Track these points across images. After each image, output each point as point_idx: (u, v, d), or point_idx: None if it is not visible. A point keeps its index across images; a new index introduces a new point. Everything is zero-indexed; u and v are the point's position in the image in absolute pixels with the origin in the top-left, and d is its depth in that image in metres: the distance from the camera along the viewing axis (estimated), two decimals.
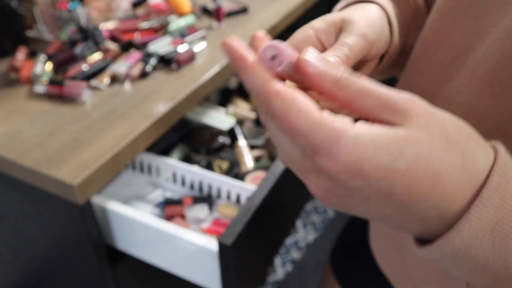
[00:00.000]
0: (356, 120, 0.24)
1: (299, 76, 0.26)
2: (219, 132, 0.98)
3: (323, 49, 0.34)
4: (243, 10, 1.12)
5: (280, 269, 1.51)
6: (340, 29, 0.35)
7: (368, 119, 0.24)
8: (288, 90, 0.23)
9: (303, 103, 0.23)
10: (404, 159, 0.22)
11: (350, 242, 0.75)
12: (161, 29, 1.02)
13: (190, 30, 0.99)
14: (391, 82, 0.55)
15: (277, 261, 1.53)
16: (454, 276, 0.40)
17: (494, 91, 0.33)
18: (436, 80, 0.38)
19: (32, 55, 0.89)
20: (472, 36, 0.35)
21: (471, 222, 0.23)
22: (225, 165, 0.88)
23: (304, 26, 0.35)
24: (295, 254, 1.55)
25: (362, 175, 0.22)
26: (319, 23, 0.34)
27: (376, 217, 0.26)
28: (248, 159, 0.92)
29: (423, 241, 0.27)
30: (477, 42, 0.35)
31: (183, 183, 0.88)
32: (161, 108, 0.76)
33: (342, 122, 0.22)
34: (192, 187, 0.87)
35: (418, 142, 0.23)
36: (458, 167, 0.23)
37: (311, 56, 0.24)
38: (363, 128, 0.23)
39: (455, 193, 0.23)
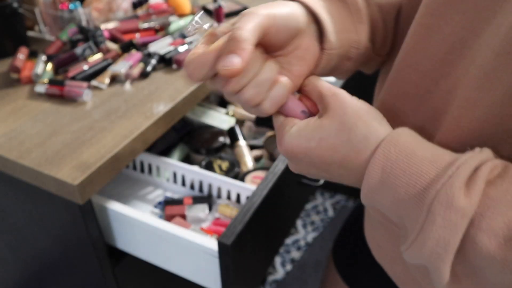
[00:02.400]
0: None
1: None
2: (219, 132, 0.98)
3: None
4: (243, 11, 1.13)
5: (280, 269, 1.51)
6: None
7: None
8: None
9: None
10: (313, 140, 0.36)
11: (351, 236, 0.76)
12: (162, 30, 1.02)
13: None
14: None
15: (277, 260, 1.54)
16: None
17: (484, 87, 0.34)
18: (429, 75, 0.39)
19: (32, 55, 0.89)
20: (464, 31, 0.36)
21: (368, 178, 0.35)
22: (225, 165, 0.89)
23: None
24: (295, 254, 1.56)
25: (294, 155, 0.38)
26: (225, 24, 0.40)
27: (323, 175, 0.39)
28: (248, 159, 0.93)
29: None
30: (471, 38, 0.35)
31: (183, 183, 0.88)
32: (161, 108, 0.77)
33: (289, 126, 0.38)
34: (192, 187, 0.87)
35: (322, 128, 0.36)
36: (345, 139, 0.36)
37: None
38: (296, 127, 0.38)
39: (346, 156, 0.36)
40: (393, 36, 0.50)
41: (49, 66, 0.86)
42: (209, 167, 0.88)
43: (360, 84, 1.10)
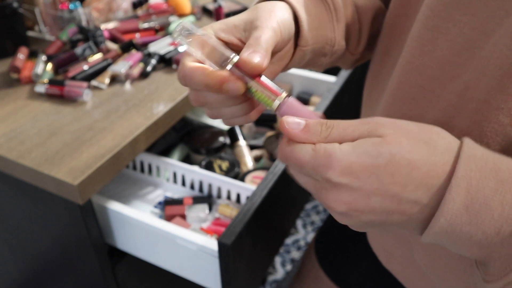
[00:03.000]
0: None
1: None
2: (219, 132, 0.98)
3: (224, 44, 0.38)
4: (243, 11, 1.13)
5: (280, 269, 1.51)
6: (243, 30, 0.39)
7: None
8: (292, 141, 0.32)
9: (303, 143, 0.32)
10: (382, 157, 0.29)
11: (335, 232, 0.76)
12: (162, 30, 1.02)
13: None
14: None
15: (277, 260, 1.54)
16: (458, 264, 0.40)
17: (505, 87, 0.33)
18: (437, 78, 0.38)
19: (32, 55, 0.89)
20: (473, 32, 0.35)
21: (448, 205, 0.29)
22: (225, 165, 0.89)
23: (205, 27, 0.39)
24: (295, 254, 1.56)
25: (355, 175, 0.29)
26: (219, 24, 0.39)
27: (384, 219, 0.31)
28: (248, 159, 0.93)
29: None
30: (481, 39, 0.35)
31: (183, 183, 0.88)
32: (161, 108, 0.77)
33: (331, 145, 0.31)
34: (192, 187, 0.87)
35: (390, 143, 0.29)
36: (426, 153, 0.30)
37: (292, 127, 0.32)
38: (346, 144, 0.30)
39: (430, 171, 0.29)
40: (368, 37, 0.52)
41: (49, 66, 0.86)
42: (209, 167, 0.88)
43: (359, 87, 1.10)
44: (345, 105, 1.03)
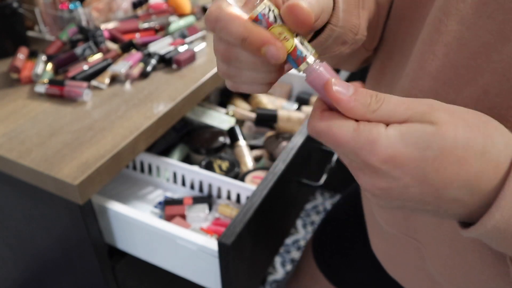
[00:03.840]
0: None
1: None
2: (219, 132, 0.98)
3: None
4: None
5: (280, 269, 1.51)
6: None
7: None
8: (328, 114, 0.29)
9: (343, 118, 0.29)
10: (431, 150, 0.27)
11: (333, 233, 0.75)
12: (162, 30, 1.02)
13: (190, 30, 0.99)
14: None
15: (277, 260, 1.54)
16: (480, 274, 0.40)
17: None
18: (451, 83, 0.37)
19: (32, 55, 0.89)
20: (490, 35, 0.34)
21: (507, 198, 0.27)
22: (225, 165, 0.89)
23: None
24: (295, 254, 1.56)
25: (399, 165, 0.27)
26: None
27: (416, 206, 0.30)
28: (248, 159, 0.93)
29: (465, 224, 0.31)
30: (499, 42, 0.33)
31: (183, 183, 0.88)
32: (161, 108, 0.77)
33: (376, 127, 0.28)
34: (192, 187, 0.87)
35: (443, 135, 0.27)
36: (479, 151, 0.27)
37: (340, 90, 0.29)
38: (394, 129, 0.28)
39: (478, 173, 0.27)
40: (382, 32, 0.49)
41: (49, 66, 0.86)
42: (209, 167, 0.88)
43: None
44: None
